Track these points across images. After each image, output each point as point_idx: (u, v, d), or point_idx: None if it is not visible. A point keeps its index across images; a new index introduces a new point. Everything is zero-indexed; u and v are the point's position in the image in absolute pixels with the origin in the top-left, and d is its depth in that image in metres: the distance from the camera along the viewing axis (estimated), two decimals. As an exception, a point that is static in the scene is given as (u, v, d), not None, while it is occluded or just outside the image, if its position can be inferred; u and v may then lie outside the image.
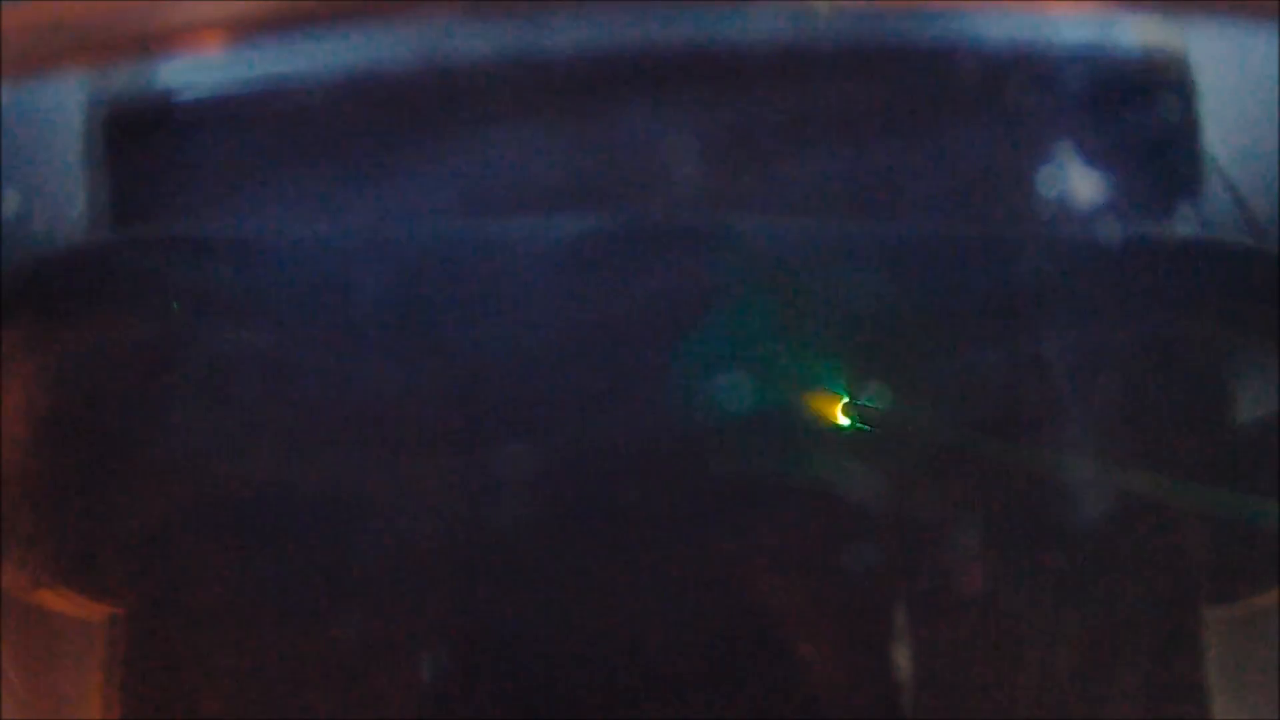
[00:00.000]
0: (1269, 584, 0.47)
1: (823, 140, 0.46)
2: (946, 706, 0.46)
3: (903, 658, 0.46)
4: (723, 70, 0.45)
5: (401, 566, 0.46)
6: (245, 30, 0.38)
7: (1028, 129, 0.46)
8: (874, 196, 0.46)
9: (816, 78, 0.45)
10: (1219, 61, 0.46)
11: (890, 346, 0.46)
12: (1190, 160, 0.47)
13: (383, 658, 0.46)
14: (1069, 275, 0.47)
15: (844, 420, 0.46)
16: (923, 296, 0.46)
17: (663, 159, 0.45)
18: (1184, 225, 0.47)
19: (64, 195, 0.48)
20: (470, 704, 0.46)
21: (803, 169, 0.46)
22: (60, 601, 0.47)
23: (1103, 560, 0.46)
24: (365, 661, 0.46)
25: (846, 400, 0.46)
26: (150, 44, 0.38)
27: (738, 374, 0.46)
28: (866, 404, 0.46)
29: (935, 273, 0.46)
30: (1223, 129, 0.47)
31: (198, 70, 0.45)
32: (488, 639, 0.46)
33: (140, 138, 0.47)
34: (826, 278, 0.46)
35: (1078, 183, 0.46)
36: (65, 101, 0.47)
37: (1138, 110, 0.47)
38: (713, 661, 0.46)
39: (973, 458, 0.46)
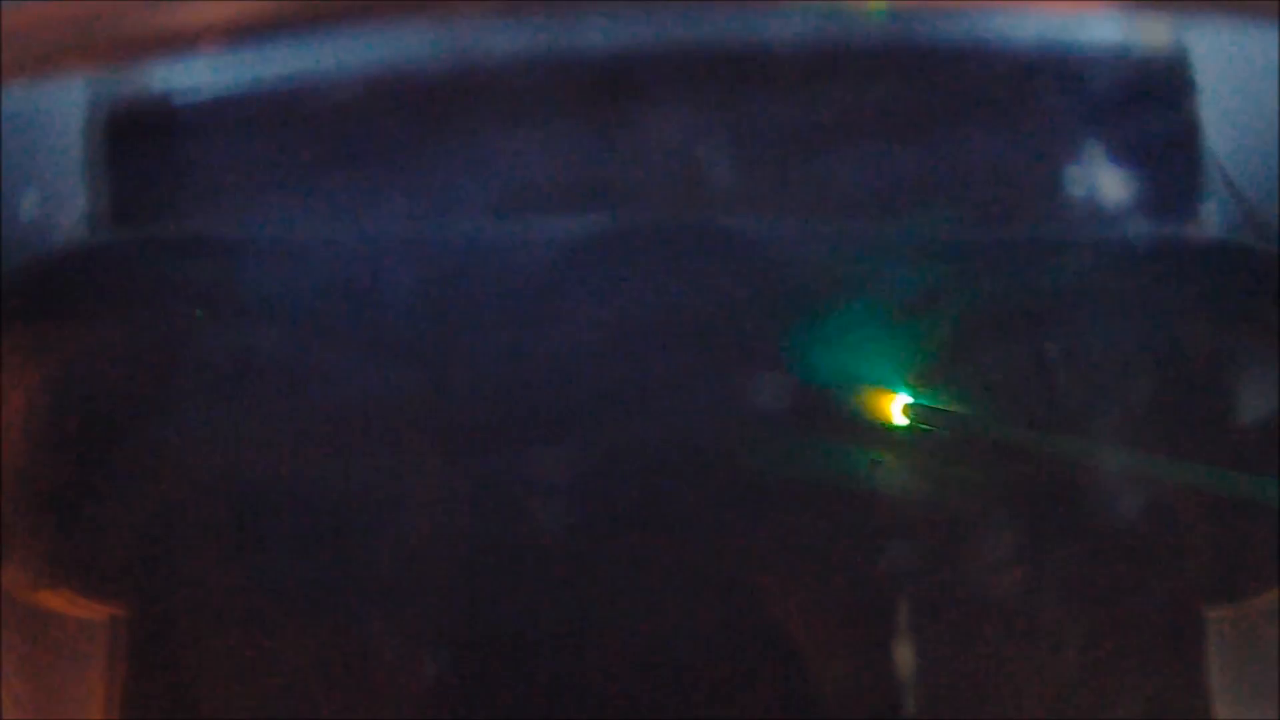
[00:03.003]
0: (1269, 584, 0.47)
1: (840, 141, 0.46)
2: (951, 701, 0.46)
3: (906, 652, 0.46)
4: (747, 72, 0.45)
5: (410, 567, 0.46)
6: (247, 32, 0.38)
7: (1032, 130, 0.46)
8: (884, 197, 0.46)
9: (827, 80, 0.45)
10: (1221, 61, 0.46)
11: (896, 344, 0.46)
12: (1192, 160, 0.47)
13: (386, 659, 0.46)
14: (1073, 275, 0.47)
15: (900, 419, 0.46)
16: (922, 295, 0.46)
17: (691, 160, 0.45)
18: (1186, 225, 0.47)
19: (66, 196, 0.48)
20: (487, 706, 0.46)
21: (824, 169, 0.46)
22: (61, 602, 0.47)
23: (1106, 558, 0.46)
24: (369, 662, 0.46)
25: (904, 399, 0.46)
26: (153, 45, 0.38)
27: (775, 374, 0.46)
28: (924, 402, 0.46)
29: (941, 272, 0.46)
30: (1225, 129, 0.47)
31: (200, 71, 0.45)
32: (505, 640, 0.46)
33: (142, 139, 0.47)
34: (851, 277, 0.46)
35: (1083, 183, 0.46)
36: (67, 103, 0.47)
37: (1141, 111, 0.47)
38: (746, 664, 0.46)
39: (983, 452, 0.46)
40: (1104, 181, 0.46)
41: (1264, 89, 0.45)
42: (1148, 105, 0.47)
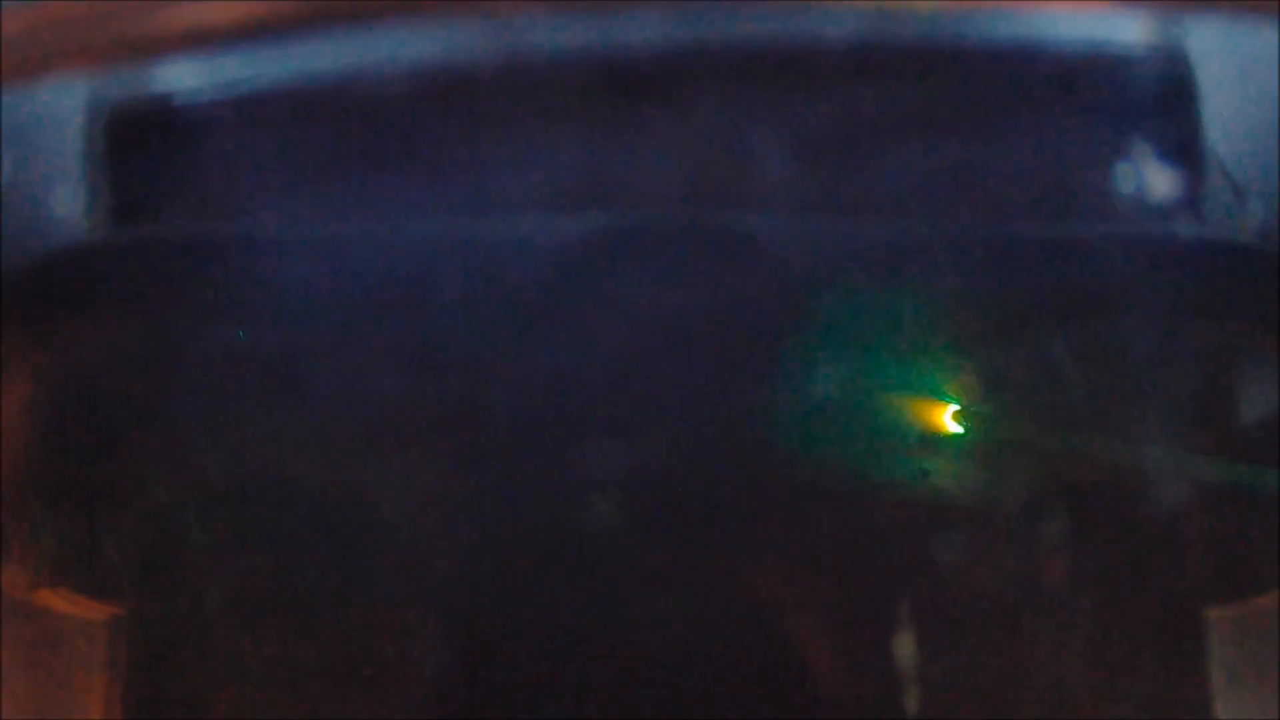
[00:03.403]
0: (1270, 584, 0.47)
1: (866, 141, 0.46)
2: (952, 700, 0.46)
3: (907, 651, 0.46)
4: (772, 72, 0.45)
5: (416, 568, 0.46)
6: (251, 32, 0.38)
7: (1033, 131, 0.46)
8: (902, 198, 0.46)
9: (852, 81, 0.45)
10: (1223, 61, 0.46)
11: (914, 345, 0.47)
12: (1194, 160, 0.47)
13: (390, 661, 0.46)
14: (1074, 274, 0.47)
15: (916, 420, 0.46)
16: (932, 296, 0.47)
17: (717, 160, 0.45)
18: (1187, 224, 0.47)
19: (66, 197, 0.48)
20: (497, 708, 0.46)
21: (851, 170, 0.46)
22: (61, 601, 0.47)
23: (1107, 558, 0.47)
24: (373, 664, 0.46)
25: (918, 400, 0.46)
26: (156, 45, 0.38)
27: (796, 378, 0.46)
28: (940, 402, 0.46)
29: (947, 273, 0.46)
30: (1226, 128, 0.47)
31: (199, 72, 0.45)
32: (513, 642, 0.46)
33: (142, 140, 0.47)
34: (873, 279, 0.46)
35: (1085, 183, 0.46)
36: (67, 104, 0.47)
37: (1143, 111, 0.47)
38: (770, 666, 0.46)
39: (993, 453, 0.47)
40: (1107, 181, 0.46)
41: (1265, 88, 0.45)
42: (1150, 105, 0.47)
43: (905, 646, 0.46)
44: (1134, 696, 0.47)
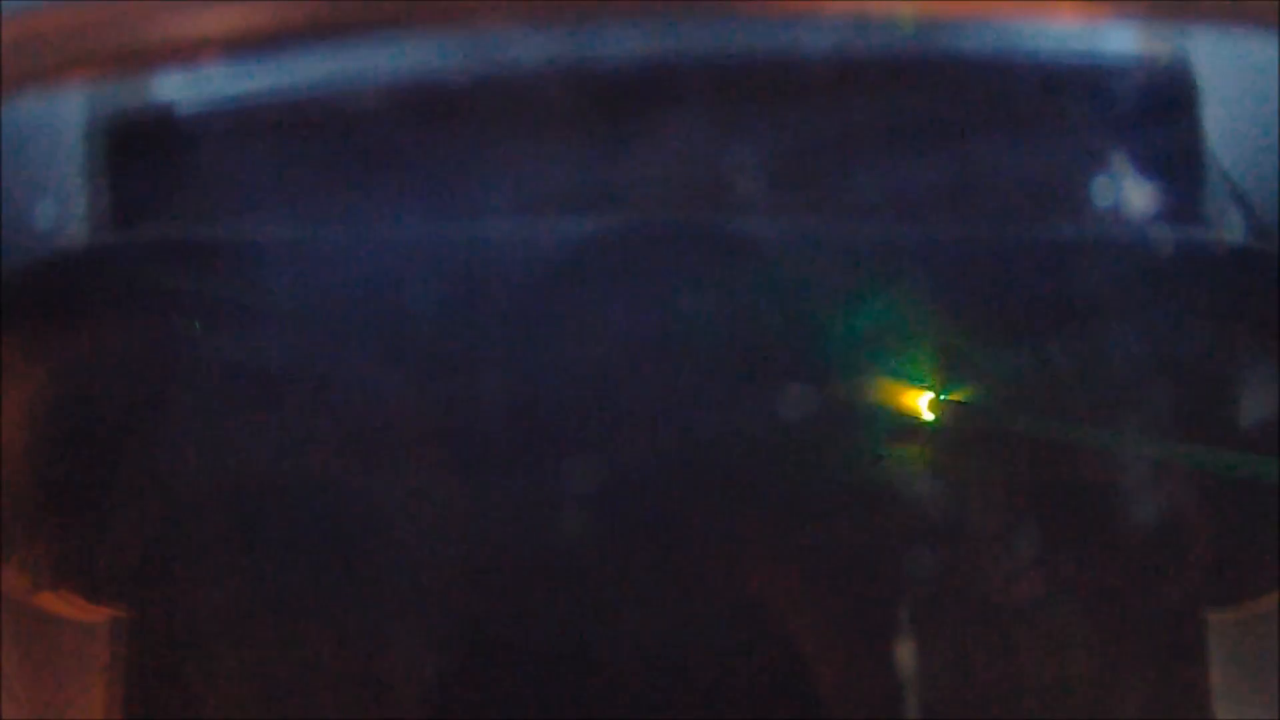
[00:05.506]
0: (1270, 587, 0.47)
1: (856, 149, 0.46)
2: (953, 701, 0.46)
3: (910, 653, 0.46)
4: (764, 81, 0.45)
5: (414, 573, 0.46)
6: (254, 41, 0.37)
7: (1038, 138, 0.46)
8: (897, 203, 0.46)
9: (841, 90, 0.45)
10: (1223, 68, 0.46)
11: (913, 344, 0.47)
12: (1195, 164, 0.47)
13: (387, 665, 0.46)
14: (1077, 277, 0.47)
15: (920, 414, 0.46)
16: (930, 298, 0.47)
17: (708, 166, 0.45)
18: (1188, 227, 0.47)
19: (66, 204, 0.48)
20: (492, 711, 0.46)
21: (841, 176, 0.46)
22: (61, 604, 0.47)
23: (1109, 561, 0.47)
24: (371, 668, 0.46)
25: (924, 394, 0.46)
26: (150, 55, 0.38)
27: (793, 379, 0.46)
28: (944, 397, 0.46)
29: (947, 275, 0.47)
30: (1226, 133, 0.47)
31: (200, 81, 0.45)
32: (512, 645, 0.46)
33: (140, 147, 0.47)
34: (868, 281, 0.46)
35: (1088, 188, 0.46)
36: (68, 111, 0.47)
37: (1146, 118, 0.47)
38: (760, 671, 0.46)
39: (995, 448, 0.47)
40: (1109, 186, 0.46)
41: (1264, 94, 0.45)
42: (1152, 112, 0.47)
43: (899, 648, 0.46)
44: (1135, 698, 0.47)
